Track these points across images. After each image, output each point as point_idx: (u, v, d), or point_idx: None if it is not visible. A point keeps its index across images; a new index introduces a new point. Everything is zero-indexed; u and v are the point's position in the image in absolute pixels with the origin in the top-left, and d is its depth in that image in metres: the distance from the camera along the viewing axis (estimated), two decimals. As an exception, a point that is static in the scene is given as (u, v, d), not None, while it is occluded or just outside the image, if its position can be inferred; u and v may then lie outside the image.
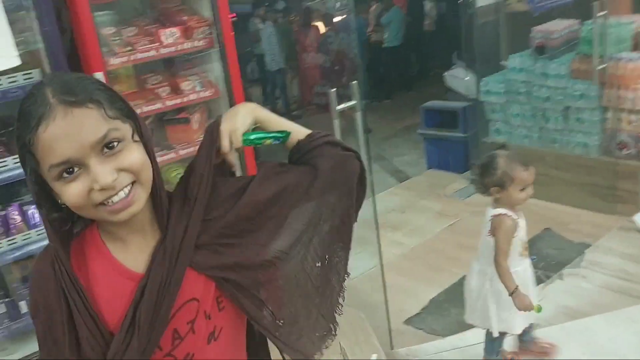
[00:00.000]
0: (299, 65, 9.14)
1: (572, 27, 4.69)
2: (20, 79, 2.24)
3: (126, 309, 1.03)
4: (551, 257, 4.02)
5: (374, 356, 2.89)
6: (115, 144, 0.96)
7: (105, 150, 0.96)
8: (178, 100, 2.68)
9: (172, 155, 2.70)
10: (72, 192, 0.96)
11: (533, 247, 4.16)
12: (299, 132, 1.25)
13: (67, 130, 0.93)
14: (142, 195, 1.01)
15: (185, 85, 2.73)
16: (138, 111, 2.48)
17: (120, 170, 0.97)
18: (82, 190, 0.96)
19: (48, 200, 1.02)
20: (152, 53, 2.57)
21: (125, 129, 0.99)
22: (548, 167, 4.77)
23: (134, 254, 1.07)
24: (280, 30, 9.18)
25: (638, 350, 2.61)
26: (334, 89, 2.78)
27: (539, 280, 3.71)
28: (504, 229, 2.40)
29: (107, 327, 1.03)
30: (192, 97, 2.72)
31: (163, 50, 2.59)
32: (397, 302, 3.68)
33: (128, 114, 1.01)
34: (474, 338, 3.06)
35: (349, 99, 2.85)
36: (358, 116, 2.91)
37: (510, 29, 5.09)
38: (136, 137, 1.00)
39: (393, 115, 9.03)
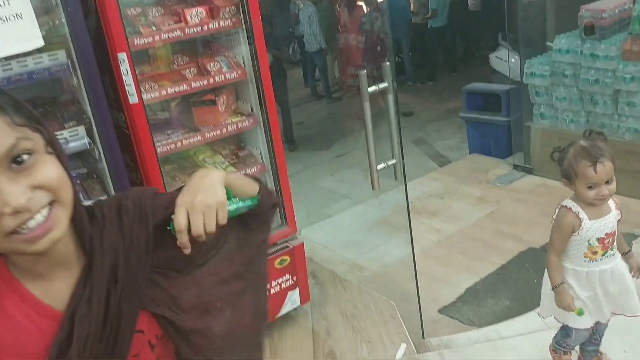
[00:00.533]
0: (339, 46, 9.01)
1: (624, 5, 4.41)
2: (45, 59, 2.23)
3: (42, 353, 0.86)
4: (595, 248, 3.83)
5: (403, 346, 2.82)
6: (26, 157, 0.80)
7: (14, 165, 0.79)
8: (204, 82, 2.63)
9: (198, 137, 2.67)
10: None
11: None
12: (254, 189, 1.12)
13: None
14: (63, 218, 0.84)
15: (212, 67, 2.69)
16: (164, 92, 2.49)
17: (35, 188, 0.80)
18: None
19: None
20: (178, 33, 2.52)
21: (36, 138, 0.82)
22: (595, 153, 4.54)
23: (58, 292, 0.89)
24: (321, 10, 9.04)
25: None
26: (364, 71, 2.68)
27: (581, 272, 3.55)
28: (560, 223, 2.26)
29: None
30: (219, 78, 2.67)
31: (189, 31, 2.54)
32: (432, 290, 3.59)
33: (38, 122, 0.84)
34: (509, 330, 2.94)
35: (382, 81, 2.76)
36: (390, 99, 2.80)
37: (557, 8, 4.83)
38: (49, 149, 0.84)
39: (436, 97, 8.84)
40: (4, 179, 0.77)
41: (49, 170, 0.82)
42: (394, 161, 2.86)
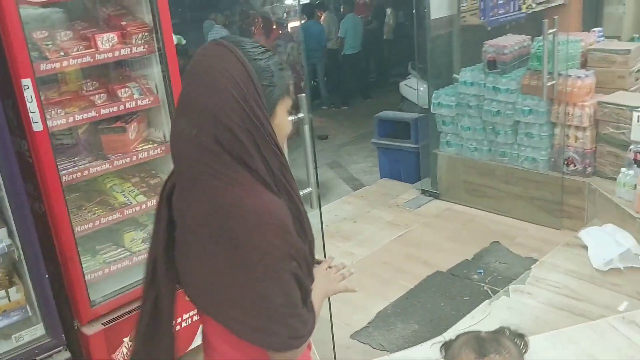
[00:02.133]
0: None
1: (523, 42, 4.74)
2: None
3: None
4: (498, 272, 4.05)
5: (315, 374, 2.83)
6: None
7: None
8: (114, 108, 2.55)
9: (107, 165, 2.57)
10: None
11: (480, 260, 4.22)
12: None
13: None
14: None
15: (123, 93, 2.61)
16: (71, 119, 2.39)
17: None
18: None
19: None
20: (88, 59, 2.43)
21: None
22: (497, 181, 4.81)
23: None
24: (236, 34, 9.04)
25: (577, 370, 2.63)
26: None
27: (485, 295, 3.73)
28: None
29: None
30: (130, 105, 2.60)
31: (99, 56, 2.46)
32: (344, 315, 3.63)
33: None
34: (418, 355, 3.03)
35: (298, 110, 2.79)
36: (307, 129, 2.83)
37: (463, 42, 5.11)
38: None
39: (350, 122, 9.03)
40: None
41: None
42: (310, 189, 2.88)
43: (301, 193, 2.78)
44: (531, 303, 3.39)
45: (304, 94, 2.79)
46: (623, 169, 4.00)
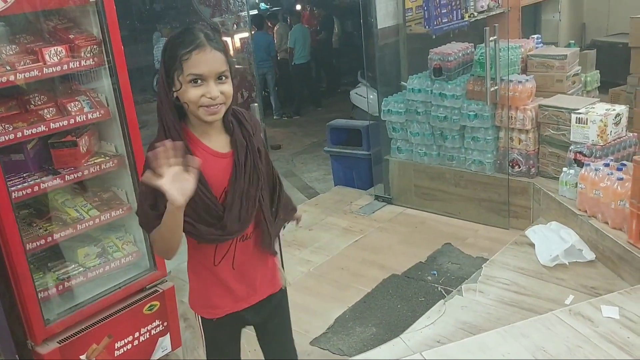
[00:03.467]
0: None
1: (467, 50, 4.91)
2: None
3: (219, 179, 1.76)
4: (451, 272, 4.16)
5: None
6: (224, 77, 1.68)
7: (218, 78, 1.67)
8: (64, 122, 2.53)
9: (57, 181, 2.54)
10: (194, 93, 1.64)
11: (434, 262, 4.32)
12: None
13: (209, 60, 1.64)
14: (222, 111, 1.71)
15: (72, 107, 2.59)
16: (19, 135, 2.36)
17: (221, 92, 1.67)
18: (198, 94, 1.65)
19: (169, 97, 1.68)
20: (35, 73, 2.41)
21: (228, 71, 1.69)
22: (447, 184, 4.95)
23: (214, 143, 1.76)
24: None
25: (528, 362, 2.73)
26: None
27: (440, 296, 3.83)
28: None
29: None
30: (80, 118, 2.58)
31: (47, 70, 2.44)
32: (303, 322, 3.66)
33: (231, 63, 1.71)
34: (376, 358, 3.08)
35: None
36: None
37: (409, 50, 5.24)
38: (231, 78, 1.71)
39: (302, 131, 9.10)
40: (213, 82, 1.66)
41: (229, 87, 1.70)
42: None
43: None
44: (483, 301, 3.51)
45: (256, 104, 2.83)
46: (564, 169, 4.18)
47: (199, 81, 1.64)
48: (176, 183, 1.54)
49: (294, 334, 3.15)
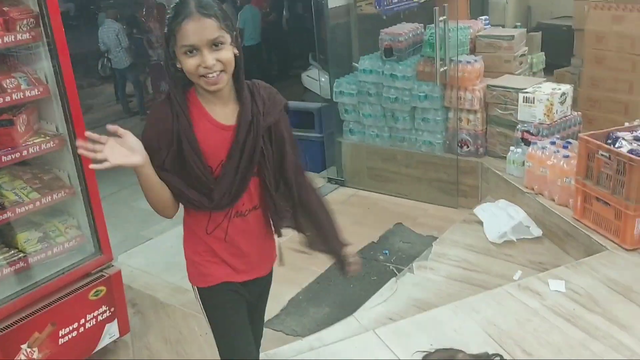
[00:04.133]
0: (151, 62, 8.76)
1: (417, 30, 4.92)
2: None
3: (218, 150, 1.72)
4: (402, 251, 4.20)
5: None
6: (220, 44, 1.62)
7: (213, 46, 1.61)
8: (0, 100, 2.39)
9: (-7, 162, 2.41)
10: (190, 63, 1.61)
11: (386, 242, 4.35)
12: None
13: (198, 28, 1.58)
14: (224, 80, 1.65)
15: (8, 84, 2.45)
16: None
17: (218, 60, 1.61)
18: (194, 64, 1.60)
19: (173, 67, 1.67)
20: (-35, 47, 2.26)
21: (227, 37, 1.63)
22: (398, 165, 4.98)
23: (219, 114, 1.72)
24: (132, 26, 8.74)
25: (480, 338, 2.77)
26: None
27: (391, 274, 3.86)
28: None
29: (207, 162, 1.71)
30: (17, 96, 2.45)
31: (-22, 44, 2.29)
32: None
33: (231, 29, 1.65)
34: (331, 337, 3.08)
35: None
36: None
37: (360, 31, 5.22)
38: (232, 45, 1.65)
39: (254, 114, 8.98)
40: (207, 51, 1.60)
41: (227, 54, 1.63)
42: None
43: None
44: (434, 278, 3.55)
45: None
46: (512, 148, 4.27)
47: (194, 51, 1.60)
48: (116, 154, 1.58)
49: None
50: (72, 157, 2.65)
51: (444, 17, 4.41)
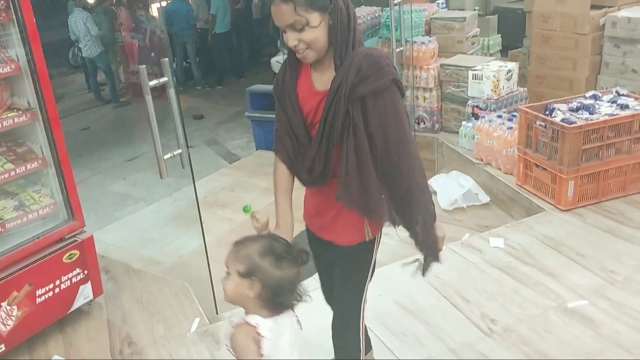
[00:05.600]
0: (121, 48, 8.88)
1: (375, 13, 5.16)
2: None
3: (315, 113, 1.82)
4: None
5: (197, 320, 3.04)
6: (299, 27, 1.69)
7: (294, 28, 1.70)
8: (-27, 77, 2.58)
9: (-31, 134, 2.60)
10: (285, 40, 1.75)
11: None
12: None
13: (277, 13, 1.70)
14: (311, 56, 1.75)
15: (-19, 62, 2.63)
16: None
17: (300, 40, 1.71)
18: (286, 41, 1.74)
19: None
20: (-61, 26, 2.44)
21: (308, 19, 1.68)
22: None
23: (319, 80, 1.83)
24: (101, 12, 8.83)
25: (424, 289, 3.04)
26: (144, 66, 2.84)
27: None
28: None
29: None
30: (-11, 73, 2.63)
31: (-48, 24, 2.47)
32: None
33: (317, 8, 1.68)
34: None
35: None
36: (171, 92, 2.99)
37: (321, 14, 5.43)
38: (314, 25, 1.69)
39: (225, 100, 9.16)
40: (289, 32, 1.71)
41: (308, 35, 1.70)
42: (180, 151, 3.04)
43: (171, 154, 2.98)
44: (389, 242, 3.75)
45: (166, 59, 2.95)
46: (463, 122, 4.55)
47: (286, 30, 1.72)
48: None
49: (214, 284, 3.35)
50: (44, 130, 2.83)
51: (399, 0, 4.65)
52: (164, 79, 2.91)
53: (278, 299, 1.63)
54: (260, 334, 1.61)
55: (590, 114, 3.64)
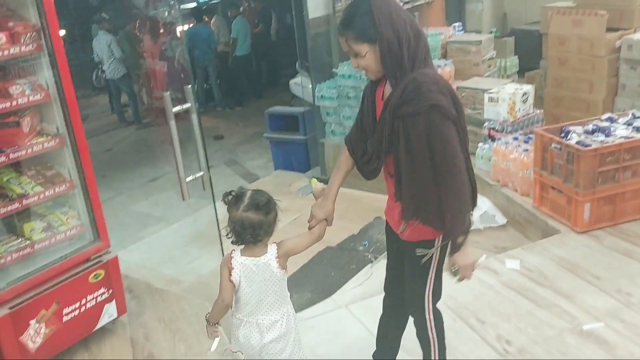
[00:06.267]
0: (145, 72, 9.08)
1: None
2: None
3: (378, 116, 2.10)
4: (380, 242, 4.49)
5: (217, 340, 3.11)
6: (353, 54, 2.00)
7: (352, 55, 2.01)
8: (7, 104, 2.71)
9: (2, 158, 2.71)
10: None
11: (365, 234, 4.66)
12: None
13: (341, 42, 2.02)
14: (370, 76, 2.07)
15: (14, 90, 2.76)
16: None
17: (358, 64, 2.02)
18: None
19: None
20: (-23, 58, 2.58)
21: (361, 48, 1.96)
22: (377, 163, 5.28)
23: (386, 92, 2.05)
24: (125, 36, 9.05)
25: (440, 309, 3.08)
26: (168, 92, 2.95)
27: (369, 262, 4.17)
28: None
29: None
30: (22, 100, 2.76)
31: (-11, 56, 2.61)
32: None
33: (368, 39, 1.94)
34: (308, 315, 3.38)
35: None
36: (194, 117, 3.10)
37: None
38: (363, 54, 1.97)
39: (244, 122, 9.30)
40: (352, 58, 2.03)
41: (361, 62, 2.00)
42: (201, 173, 3.16)
43: (193, 177, 3.08)
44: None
45: (189, 86, 3.07)
46: (480, 144, 4.60)
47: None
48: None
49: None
50: (72, 154, 2.96)
51: (415, 24, 4.74)
52: (187, 105, 3.03)
53: (240, 236, 2.12)
54: (231, 264, 2.18)
55: (606, 136, 3.67)
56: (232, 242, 2.16)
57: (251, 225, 2.11)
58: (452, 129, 1.96)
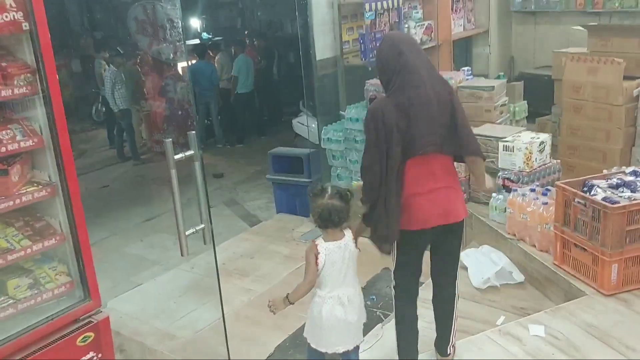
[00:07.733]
0: (146, 110, 8.93)
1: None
2: None
3: None
4: (389, 297, 4.22)
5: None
6: None
7: None
8: (-5, 151, 2.49)
9: (-13, 210, 2.49)
10: None
11: (373, 287, 4.41)
12: None
13: None
14: None
15: (4, 135, 2.55)
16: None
17: None
18: None
19: None
20: (-35, 106, 2.37)
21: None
22: (385, 211, 5.06)
23: None
24: (127, 72, 8.93)
25: None
26: (170, 139, 2.75)
27: (378, 320, 3.90)
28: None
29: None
30: (12, 147, 2.54)
31: (-22, 98, 2.40)
32: (243, 352, 3.66)
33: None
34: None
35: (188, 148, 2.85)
36: (197, 166, 2.89)
37: (347, 81, 5.40)
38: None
39: (245, 159, 9.11)
40: None
41: None
42: (202, 226, 2.93)
43: (193, 230, 2.85)
44: (420, 324, 3.59)
45: (193, 132, 2.86)
46: (494, 194, 4.39)
47: None
48: None
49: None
50: (64, 205, 2.73)
51: (427, 68, 4.58)
52: (189, 152, 2.82)
53: (328, 220, 2.66)
54: (317, 250, 2.68)
55: (632, 191, 3.46)
56: (317, 227, 2.72)
57: (336, 210, 2.62)
58: (370, 142, 2.71)
